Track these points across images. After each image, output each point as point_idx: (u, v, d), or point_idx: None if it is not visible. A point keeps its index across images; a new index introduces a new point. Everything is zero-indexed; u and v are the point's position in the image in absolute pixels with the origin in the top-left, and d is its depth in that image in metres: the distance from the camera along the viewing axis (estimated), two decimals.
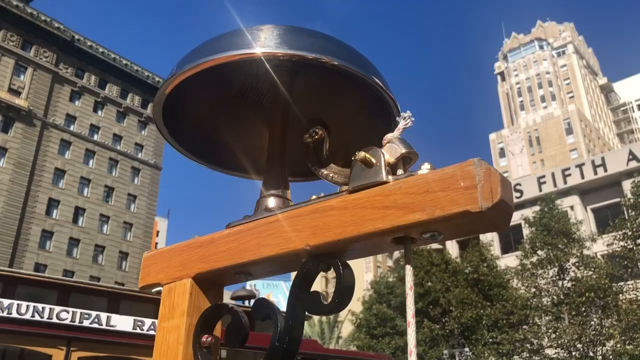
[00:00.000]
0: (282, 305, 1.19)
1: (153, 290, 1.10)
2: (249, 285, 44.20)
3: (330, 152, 1.05)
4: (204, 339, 0.98)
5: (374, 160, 0.89)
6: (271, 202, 1.06)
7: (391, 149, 0.90)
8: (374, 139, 1.14)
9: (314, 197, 0.98)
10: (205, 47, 1.00)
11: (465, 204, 0.76)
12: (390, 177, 0.87)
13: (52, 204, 43.51)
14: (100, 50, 49.53)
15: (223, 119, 1.26)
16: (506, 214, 0.78)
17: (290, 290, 0.91)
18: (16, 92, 43.77)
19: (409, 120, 0.92)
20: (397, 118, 0.92)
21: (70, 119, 46.93)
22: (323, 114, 1.08)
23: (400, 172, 0.89)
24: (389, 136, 0.92)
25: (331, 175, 1.01)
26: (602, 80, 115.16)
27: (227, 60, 0.97)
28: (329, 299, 0.88)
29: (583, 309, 22.62)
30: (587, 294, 22.02)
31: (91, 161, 47.11)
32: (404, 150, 0.89)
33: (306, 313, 0.91)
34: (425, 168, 0.85)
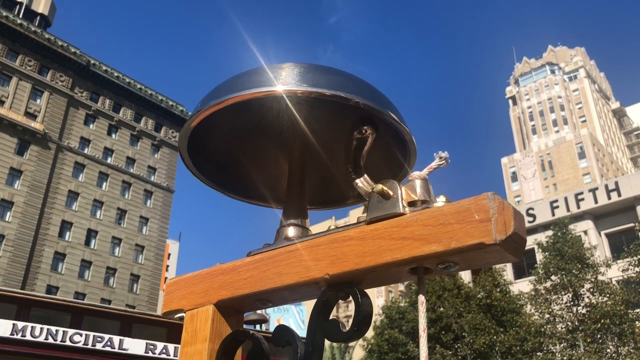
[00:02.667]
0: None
1: (176, 316, 1.13)
2: (261, 309, 43.95)
3: (346, 183, 1.08)
4: None
5: (391, 193, 0.93)
6: (291, 231, 1.10)
7: (411, 189, 0.94)
8: (391, 169, 1.18)
9: (332, 226, 1.02)
10: (228, 84, 1.06)
11: (480, 236, 0.79)
12: (407, 209, 0.91)
13: (65, 226, 43.83)
14: (115, 74, 50.32)
15: (244, 151, 1.31)
16: (519, 246, 0.82)
17: (310, 318, 0.94)
18: (32, 116, 44.48)
19: (444, 161, 0.95)
20: (435, 154, 0.95)
21: (85, 142, 47.53)
22: (341, 145, 1.12)
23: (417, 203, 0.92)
24: (415, 174, 0.95)
25: (360, 184, 1.03)
26: (615, 105, 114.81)
27: (250, 97, 1.02)
28: (347, 327, 0.92)
29: (599, 335, 22.23)
30: (602, 321, 21.66)
31: (104, 184, 47.54)
32: (418, 198, 0.92)
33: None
34: (440, 201, 0.88)
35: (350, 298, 0.94)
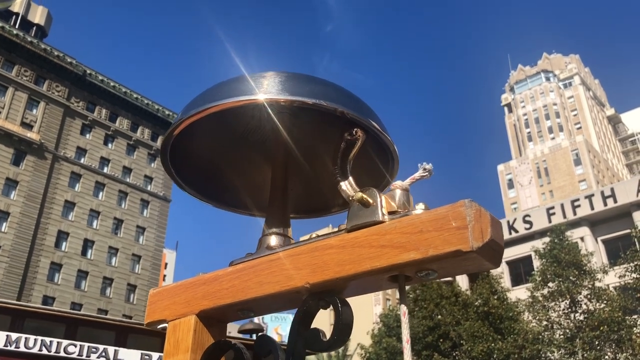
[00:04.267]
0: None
1: (159, 327, 1.13)
2: (257, 318, 43.80)
3: (330, 192, 1.08)
4: None
5: (370, 201, 0.93)
6: (273, 240, 1.10)
7: (391, 198, 0.94)
8: (372, 177, 1.18)
9: (314, 235, 1.01)
10: (210, 93, 1.05)
11: (457, 243, 0.79)
12: (386, 217, 0.90)
13: (62, 236, 43.67)
14: (112, 84, 50.34)
15: (227, 160, 1.31)
16: (497, 253, 0.81)
17: (290, 327, 0.94)
18: (28, 126, 44.42)
19: (427, 173, 0.95)
20: (419, 165, 0.95)
21: (81, 151, 47.45)
22: (323, 153, 1.12)
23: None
24: (397, 184, 0.95)
25: (344, 187, 1.02)
26: (610, 111, 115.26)
27: (232, 105, 1.01)
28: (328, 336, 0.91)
29: (597, 342, 22.19)
30: (601, 328, 21.62)
31: (101, 193, 47.42)
32: (397, 209, 0.92)
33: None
34: (419, 208, 0.88)
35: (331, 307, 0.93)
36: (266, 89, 1.00)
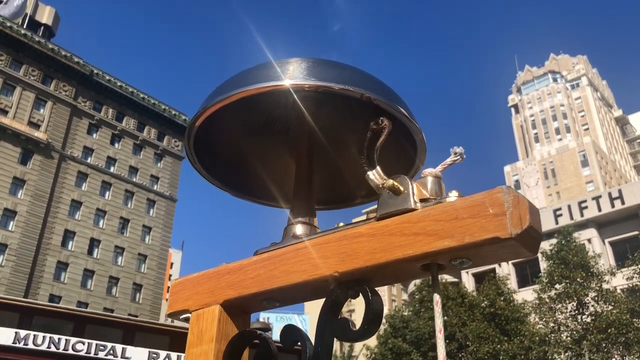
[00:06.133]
0: None
1: (181, 317, 1.11)
2: (262, 317, 43.81)
3: (354, 182, 1.06)
4: None
5: (402, 188, 0.91)
6: (299, 229, 1.08)
7: (422, 185, 0.92)
8: (400, 165, 1.16)
9: (341, 224, 1.00)
10: (235, 80, 1.04)
11: (494, 230, 0.77)
12: (418, 204, 0.88)
13: (68, 235, 43.82)
14: (118, 84, 50.50)
15: (251, 150, 1.29)
16: (535, 240, 0.79)
17: (319, 317, 0.92)
18: (35, 125, 44.61)
19: (459, 157, 0.93)
20: (450, 150, 0.93)
21: (88, 151, 47.61)
22: (349, 142, 1.11)
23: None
24: (428, 171, 0.93)
25: (372, 177, 0.99)
26: (617, 113, 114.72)
27: (257, 92, 1.00)
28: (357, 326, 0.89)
29: (604, 345, 22.06)
30: (609, 330, 21.49)
31: (107, 193, 47.56)
32: (429, 195, 0.90)
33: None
34: (453, 195, 0.86)
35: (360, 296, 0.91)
36: (292, 75, 0.99)
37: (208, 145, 1.20)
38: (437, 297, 0.86)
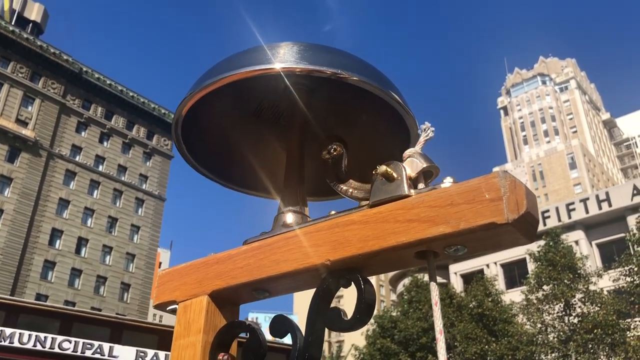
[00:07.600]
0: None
1: (168, 309, 1.08)
2: (251, 317, 43.72)
3: (349, 168, 1.04)
4: (220, 357, 0.96)
5: (395, 175, 0.89)
6: (289, 217, 1.06)
7: (412, 164, 0.90)
8: (393, 153, 1.14)
9: (333, 212, 0.97)
10: (224, 64, 1.00)
11: (491, 215, 0.75)
12: (412, 190, 0.86)
13: (55, 234, 43.43)
14: (108, 82, 50.15)
15: (240, 138, 1.26)
16: (532, 227, 0.77)
17: (310, 306, 0.90)
18: (23, 123, 44.18)
19: (429, 131, 0.92)
20: (418, 131, 0.92)
21: (76, 149, 47.22)
22: (341, 130, 1.08)
23: (421, 186, 0.88)
24: (409, 151, 0.92)
25: (350, 190, 1.00)
26: (605, 116, 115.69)
27: (246, 75, 0.97)
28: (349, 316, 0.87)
29: (590, 345, 22.22)
30: (595, 331, 21.64)
31: (95, 192, 47.20)
32: (425, 165, 0.89)
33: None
34: (447, 181, 0.84)
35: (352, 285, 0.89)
36: (283, 58, 0.96)
37: (197, 134, 1.18)
38: (433, 286, 0.83)
